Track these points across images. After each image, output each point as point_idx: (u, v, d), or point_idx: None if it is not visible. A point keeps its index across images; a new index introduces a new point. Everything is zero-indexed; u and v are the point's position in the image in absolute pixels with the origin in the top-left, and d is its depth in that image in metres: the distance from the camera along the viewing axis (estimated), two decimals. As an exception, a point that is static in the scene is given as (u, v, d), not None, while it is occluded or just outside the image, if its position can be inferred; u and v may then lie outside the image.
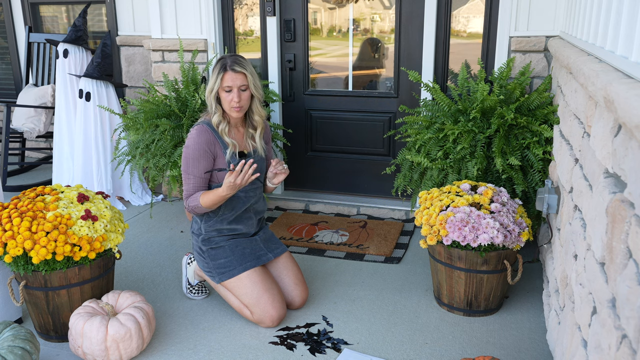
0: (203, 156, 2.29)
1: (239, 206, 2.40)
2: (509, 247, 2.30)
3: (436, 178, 2.74)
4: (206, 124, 2.33)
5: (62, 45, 3.80)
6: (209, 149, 2.30)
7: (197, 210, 2.32)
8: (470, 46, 3.34)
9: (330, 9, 3.64)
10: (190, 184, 2.32)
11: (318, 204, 3.76)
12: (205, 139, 2.29)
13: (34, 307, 2.23)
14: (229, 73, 2.25)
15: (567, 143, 2.15)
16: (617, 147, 1.27)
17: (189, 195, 2.33)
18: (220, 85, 2.27)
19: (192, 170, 2.30)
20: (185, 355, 2.17)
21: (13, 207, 2.18)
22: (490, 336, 2.27)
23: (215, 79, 2.27)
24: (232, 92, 2.26)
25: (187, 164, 2.31)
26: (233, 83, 2.25)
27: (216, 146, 2.32)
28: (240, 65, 2.26)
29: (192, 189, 2.32)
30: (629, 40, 1.37)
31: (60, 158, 3.89)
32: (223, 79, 2.26)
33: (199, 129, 2.31)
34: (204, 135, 2.29)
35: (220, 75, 2.26)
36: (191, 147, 2.30)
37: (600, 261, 1.33)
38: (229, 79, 2.25)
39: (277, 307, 2.33)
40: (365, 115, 3.65)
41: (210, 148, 2.30)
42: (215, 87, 2.28)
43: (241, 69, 2.26)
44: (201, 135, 2.29)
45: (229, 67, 2.25)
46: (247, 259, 2.39)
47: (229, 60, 2.27)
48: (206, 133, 2.30)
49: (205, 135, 2.30)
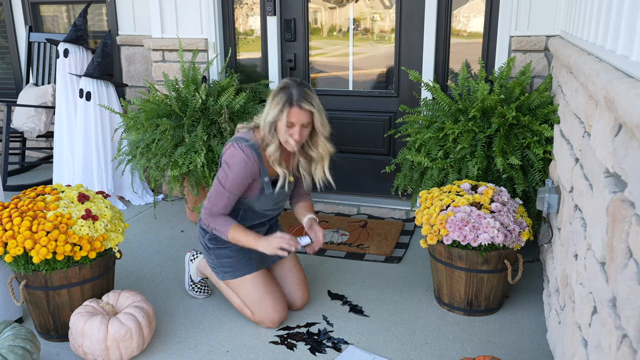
0: (243, 184, 2.19)
1: (257, 219, 2.37)
2: (509, 246, 2.30)
3: (436, 177, 2.74)
4: (253, 150, 2.16)
5: (62, 44, 3.80)
6: (251, 177, 2.20)
7: (217, 234, 2.25)
8: (471, 45, 3.34)
9: (330, 8, 3.64)
10: (223, 202, 2.20)
11: (318, 203, 3.76)
12: (251, 169, 2.17)
13: (35, 307, 2.23)
14: (294, 109, 2.05)
15: (567, 142, 2.15)
16: (618, 146, 1.27)
17: (216, 214, 2.22)
18: (281, 120, 2.08)
19: (228, 188, 2.18)
20: (186, 354, 2.17)
21: (13, 206, 2.18)
22: (490, 336, 2.27)
23: (279, 112, 2.07)
24: (294, 129, 2.09)
25: (225, 181, 2.17)
26: (296, 120, 2.06)
27: (257, 174, 2.21)
28: (307, 101, 2.07)
29: (223, 208, 2.22)
30: (630, 39, 1.37)
31: (61, 158, 3.89)
32: (289, 114, 2.05)
33: (247, 156, 2.14)
34: (250, 166, 2.16)
35: (286, 110, 2.05)
36: (234, 172, 2.16)
37: (601, 261, 1.33)
38: (294, 116, 2.06)
39: (278, 310, 2.33)
40: (366, 114, 3.64)
41: (252, 176, 2.20)
42: (277, 120, 2.09)
43: (309, 106, 2.06)
44: (248, 165, 2.15)
45: (295, 103, 2.05)
46: (251, 261, 2.38)
47: (296, 94, 2.06)
48: (254, 164, 2.16)
49: (251, 166, 2.16)
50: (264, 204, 2.32)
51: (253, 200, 2.29)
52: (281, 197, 2.36)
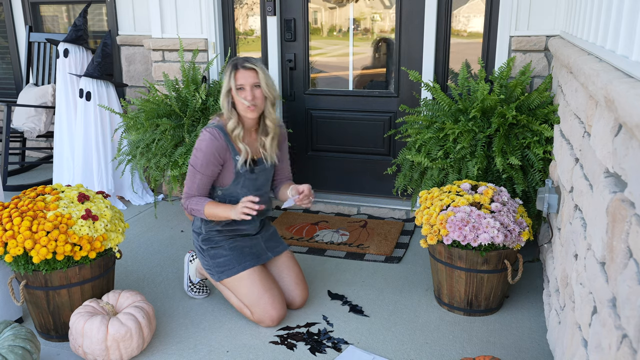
0: (213, 161, 2.27)
1: None
2: (509, 246, 2.30)
3: (436, 177, 2.74)
4: (219, 129, 2.29)
5: (62, 44, 3.80)
6: (219, 155, 2.28)
7: (196, 214, 2.31)
8: (471, 45, 3.34)
9: (330, 8, 3.64)
10: (196, 182, 2.30)
11: (318, 203, 3.76)
12: (217, 146, 2.26)
13: (35, 307, 2.23)
14: (240, 71, 2.24)
15: (567, 142, 2.15)
16: (618, 146, 1.27)
17: (192, 196, 2.32)
18: (233, 85, 2.24)
19: (199, 169, 2.28)
20: (186, 354, 2.17)
21: (13, 206, 2.18)
22: (490, 336, 2.27)
23: (228, 79, 2.26)
24: (245, 90, 2.24)
25: (195, 163, 2.28)
26: (245, 80, 2.23)
27: (227, 153, 2.30)
28: (250, 62, 2.25)
29: (196, 190, 2.31)
30: (630, 39, 1.37)
31: (61, 157, 3.89)
32: (235, 77, 2.24)
33: (212, 135, 2.27)
34: (216, 143, 2.26)
35: (233, 74, 2.25)
36: (202, 151, 2.27)
37: (601, 261, 1.33)
38: (240, 77, 2.24)
39: (277, 308, 2.33)
40: (366, 114, 3.64)
41: (220, 155, 2.28)
42: (230, 87, 2.26)
43: (252, 65, 2.25)
44: (213, 142, 2.26)
45: (240, 65, 2.25)
46: (246, 258, 2.39)
47: (240, 59, 2.27)
48: (219, 140, 2.27)
49: (217, 142, 2.26)
50: (245, 188, 2.35)
51: (233, 186, 2.34)
52: (261, 181, 2.41)
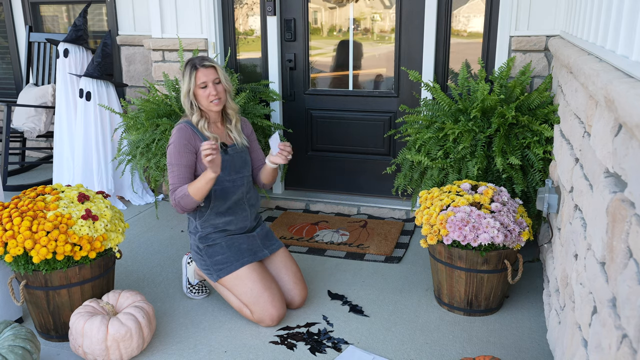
0: (184, 150, 2.33)
1: (230, 195, 2.41)
2: (509, 246, 2.30)
3: (436, 177, 2.74)
4: (186, 123, 2.39)
5: (62, 44, 3.80)
6: (189, 143, 2.34)
7: (186, 201, 2.27)
8: (471, 45, 3.34)
9: (330, 8, 3.64)
10: (175, 175, 2.33)
11: (318, 203, 3.76)
12: (185, 134, 2.35)
13: (35, 307, 2.23)
14: (200, 70, 2.33)
15: (567, 142, 2.15)
16: (618, 146, 1.27)
17: (175, 189, 2.34)
18: (195, 84, 2.33)
19: (175, 161, 2.33)
20: (186, 354, 2.17)
21: (13, 206, 2.18)
22: (490, 335, 2.27)
23: (189, 80, 2.34)
24: (208, 87, 2.33)
25: (171, 158, 2.35)
26: (207, 78, 2.33)
27: (197, 140, 2.36)
28: (207, 61, 2.36)
29: (177, 180, 2.33)
30: (630, 39, 1.37)
31: (61, 157, 3.89)
32: (197, 77, 2.33)
33: (179, 128, 2.37)
34: (184, 131, 2.35)
35: (193, 74, 2.33)
36: (173, 143, 2.35)
37: (601, 261, 1.33)
38: (202, 75, 2.32)
39: (277, 306, 2.33)
40: (366, 114, 3.64)
41: (190, 142, 2.35)
42: (191, 87, 2.34)
43: (210, 63, 2.35)
44: (181, 132, 2.35)
45: (199, 65, 2.33)
46: (243, 254, 2.39)
47: (196, 59, 2.37)
48: (186, 129, 2.36)
49: (185, 131, 2.36)
50: (224, 171, 2.38)
51: None
52: (239, 163, 2.46)
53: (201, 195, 2.27)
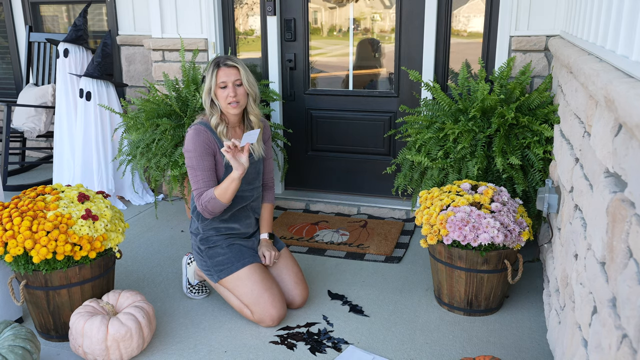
0: (205, 153, 2.30)
1: (235, 205, 2.40)
2: (509, 246, 2.30)
3: (436, 177, 2.74)
4: (203, 125, 2.34)
5: (62, 44, 3.80)
6: (209, 146, 2.31)
7: (213, 204, 2.27)
8: (471, 45, 3.34)
9: (330, 8, 3.64)
10: (199, 179, 2.30)
11: (318, 203, 3.76)
12: (203, 138, 2.30)
13: (35, 307, 2.23)
14: (222, 69, 2.29)
15: (567, 142, 2.15)
16: (618, 146, 1.27)
17: (201, 193, 2.30)
18: (215, 83, 2.29)
19: (197, 165, 2.30)
20: (186, 354, 2.17)
21: (14, 206, 2.18)
22: (490, 335, 2.27)
23: (210, 78, 2.30)
24: (228, 88, 2.28)
25: (192, 162, 2.30)
26: (227, 78, 2.28)
27: (215, 145, 2.32)
28: (231, 60, 2.30)
29: (203, 185, 2.30)
30: (630, 39, 1.37)
31: (61, 157, 3.89)
32: (217, 75, 2.29)
33: (196, 130, 2.31)
34: (202, 135, 2.30)
35: (215, 72, 2.29)
36: (192, 148, 2.30)
37: (601, 261, 1.33)
38: (222, 75, 2.28)
39: (277, 307, 2.33)
40: (366, 114, 3.64)
41: (209, 145, 2.31)
42: (212, 85, 2.30)
43: (233, 63, 2.30)
44: (200, 135, 2.30)
45: (222, 63, 2.29)
46: (244, 255, 2.39)
47: (222, 58, 2.32)
48: (204, 133, 2.31)
49: (203, 135, 2.30)
50: None
51: None
52: (252, 175, 2.44)
53: (228, 197, 2.26)
